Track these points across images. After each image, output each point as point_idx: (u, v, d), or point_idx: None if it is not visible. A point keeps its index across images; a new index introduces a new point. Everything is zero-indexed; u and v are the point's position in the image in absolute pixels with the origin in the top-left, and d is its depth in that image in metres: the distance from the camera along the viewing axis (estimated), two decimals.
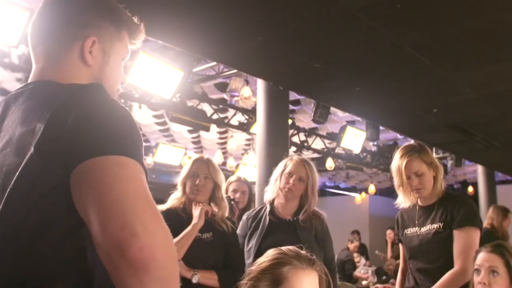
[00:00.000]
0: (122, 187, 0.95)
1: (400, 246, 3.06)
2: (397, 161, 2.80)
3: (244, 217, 2.94)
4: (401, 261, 3.09)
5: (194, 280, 2.57)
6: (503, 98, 5.12)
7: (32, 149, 1.00)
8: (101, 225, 0.92)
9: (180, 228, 2.65)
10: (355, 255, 9.34)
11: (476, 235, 2.64)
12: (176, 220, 2.69)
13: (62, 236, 1.01)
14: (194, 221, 2.65)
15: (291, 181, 2.76)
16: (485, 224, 5.32)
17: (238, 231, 2.88)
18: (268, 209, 2.83)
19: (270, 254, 1.75)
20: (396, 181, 2.85)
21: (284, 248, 1.75)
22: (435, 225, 2.71)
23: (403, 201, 2.87)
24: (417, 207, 2.83)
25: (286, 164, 2.84)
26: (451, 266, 2.61)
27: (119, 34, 1.26)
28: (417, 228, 2.79)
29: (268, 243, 2.61)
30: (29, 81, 1.21)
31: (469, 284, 2.35)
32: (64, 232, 1.01)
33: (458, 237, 2.61)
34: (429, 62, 4.06)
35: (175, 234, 2.60)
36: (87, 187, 0.96)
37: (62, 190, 0.99)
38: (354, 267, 8.91)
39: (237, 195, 3.80)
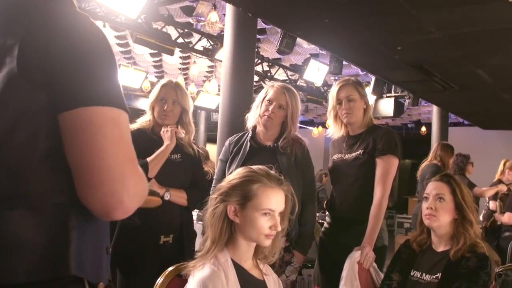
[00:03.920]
0: (115, 153, 1.01)
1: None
2: (333, 88, 2.97)
3: (227, 142, 2.96)
4: None
5: (166, 197, 2.66)
6: (466, 41, 5.22)
7: (15, 69, 0.98)
8: (92, 188, 1.00)
9: (151, 147, 2.71)
10: None
11: (395, 163, 2.80)
12: (147, 140, 2.77)
13: (42, 156, 1.02)
14: (167, 142, 2.71)
15: (270, 109, 2.76)
16: (436, 161, 5.60)
17: (220, 157, 2.94)
18: (250, 135, 2.86)
19: (240, 172, 1.82)
20: (329, 109, 3.00)
21: (254, 167, 1.83)
22: (356, 153, 2.88)
23: (333, 131, 3.03)
24: (346, 137, 2.98)
25: (267, 91, 2.83)
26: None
27: None
28: (342, 154, 2.95)
29: None
30: None
31: (419, 212, 2.52)
32: (44, 153, 1.02)
33: (379, 164, 2.79)
34: None
35: (146, 154, 2.66)
36: (82, 143, 1.00)
37: (45, 116, 1.01)
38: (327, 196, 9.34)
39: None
